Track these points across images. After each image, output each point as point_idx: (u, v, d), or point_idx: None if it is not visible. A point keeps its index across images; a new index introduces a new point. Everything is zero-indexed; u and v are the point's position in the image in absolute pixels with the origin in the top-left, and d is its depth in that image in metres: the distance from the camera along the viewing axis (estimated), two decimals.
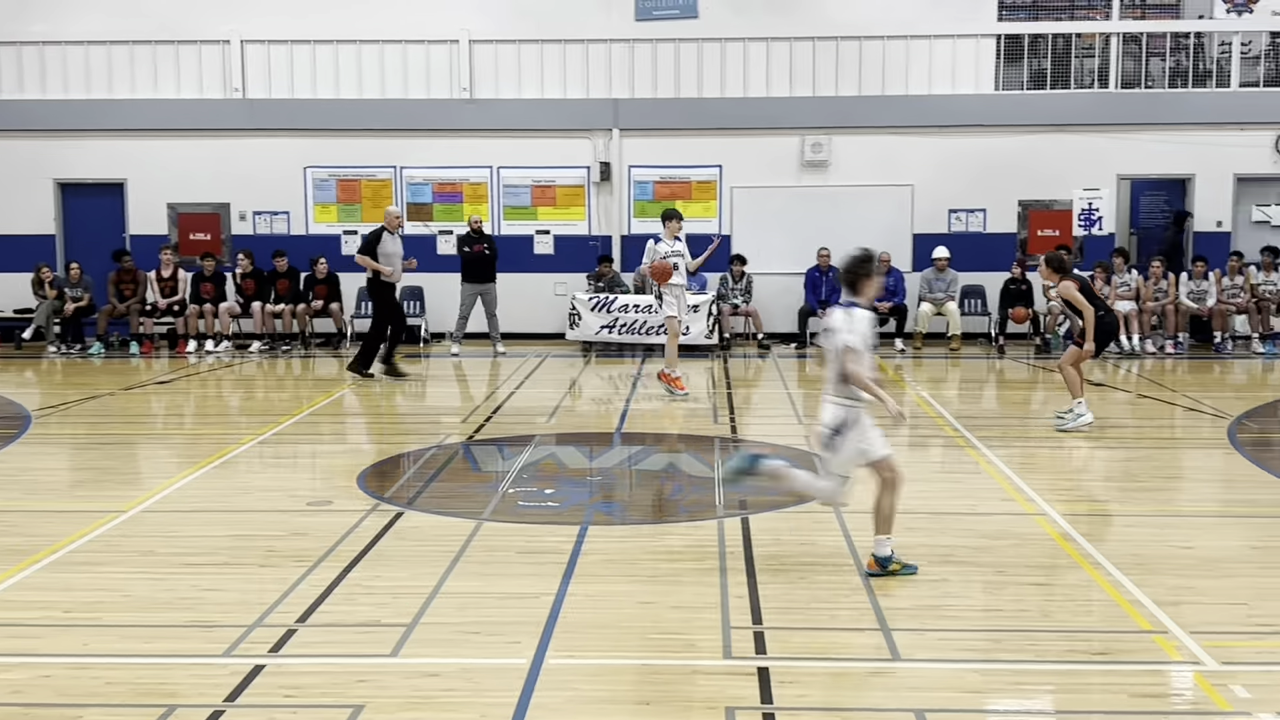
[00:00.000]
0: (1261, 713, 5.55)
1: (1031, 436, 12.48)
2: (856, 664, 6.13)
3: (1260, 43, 19.53)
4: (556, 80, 19.45)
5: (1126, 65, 19.45)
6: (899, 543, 8.21)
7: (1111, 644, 6.42)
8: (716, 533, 8.52)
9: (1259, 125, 18.99)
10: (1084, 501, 9.66)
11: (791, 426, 12.82)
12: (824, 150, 19.16)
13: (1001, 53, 19.25)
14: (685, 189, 19.54)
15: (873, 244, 18.42)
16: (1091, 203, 19.20)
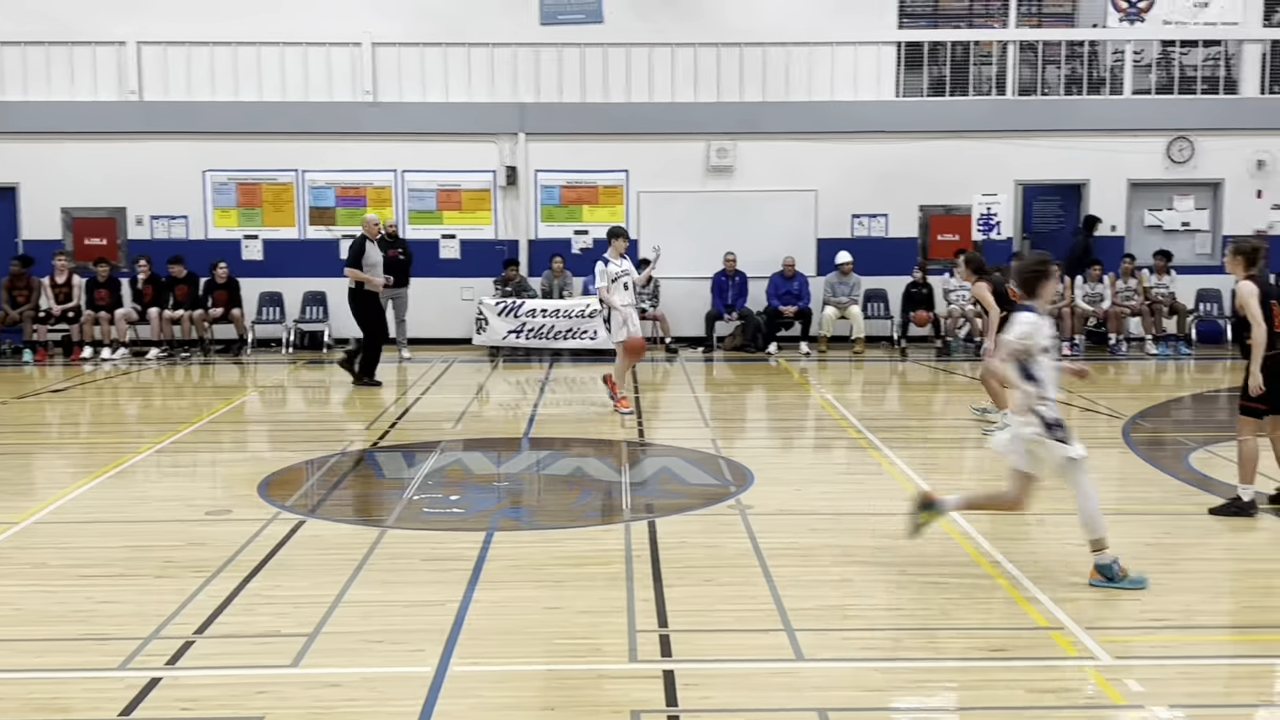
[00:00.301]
0: (1155, 706, 5.67)
1: (933, 438, 12.66)
2: (761, 665, 6.16)
3: (1152, 51, 20.02)
4: (461, 83, 19.33)
5: (1023, 73, 19.83)
6: (806, 544, 8.29)
7: (1010, 641, 6.53)
8: (623, 537, 8.51)
9: (1151, 132, 19.46)
10: None
11: (698, 429, 12.85)
12: (729, 156, 19.27)
13: (902, 60, 19.52)
14: (592, 193, 19.53)
15: (777, 249, 18.86)
16: (990, 208, 19.55)
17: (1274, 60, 19.67)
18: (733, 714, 5.55)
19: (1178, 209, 19.76)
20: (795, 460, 11.93)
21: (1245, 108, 19.41)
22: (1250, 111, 19.38)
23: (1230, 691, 5.98)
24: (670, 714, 5.56)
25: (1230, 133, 19.34)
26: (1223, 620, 6.98)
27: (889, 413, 14.46)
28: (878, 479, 10.56)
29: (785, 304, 18.87)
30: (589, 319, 17.84)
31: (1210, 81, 19.84)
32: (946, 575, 7.67)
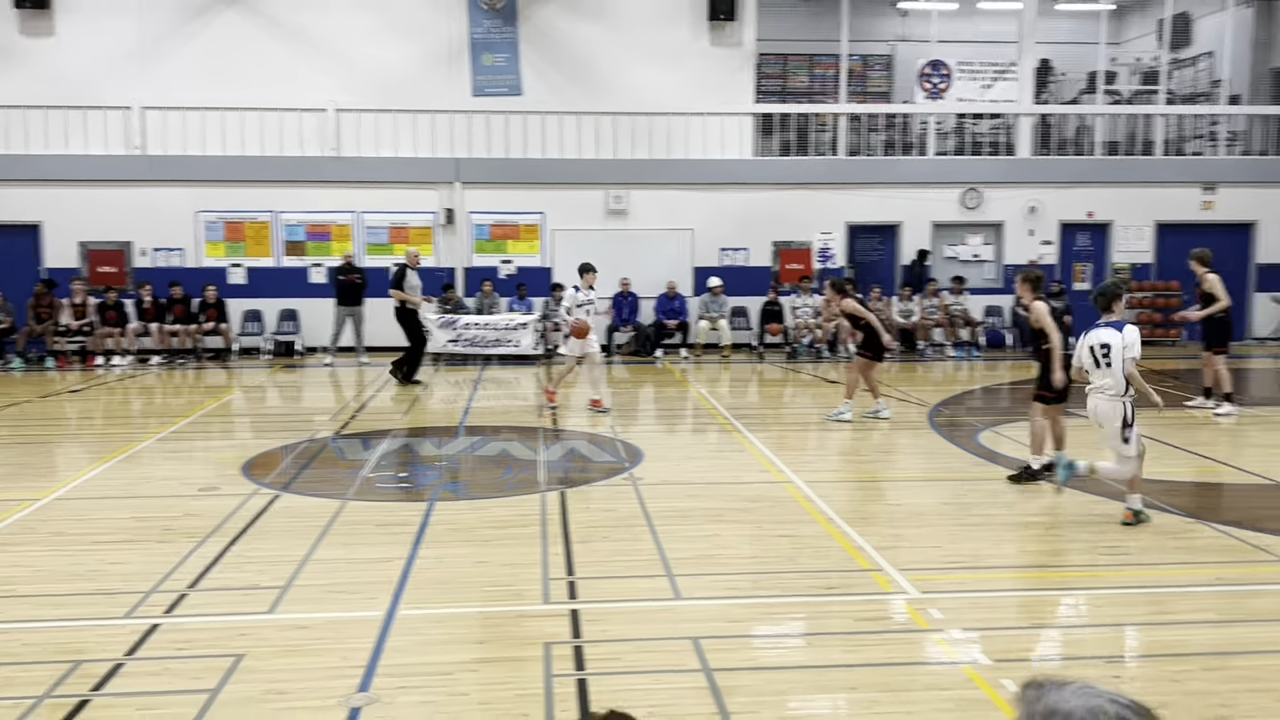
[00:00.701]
0: (952, 629, 5.80)
1: (783, 422, 12.79)
2: (647, 604, 6.17)
3: (949, 122, 20.45)
4: (409, 142, 19.06)
5: (851, 138, 20.11)
6: (684, 507, 8.32)
7: (841, 581, 6.62)
8: (540, 504, 8.48)
9: (949, 184, 19.85)
10: (820, 471, 9.93)
11: (601, 417, 12.82)
12: (624, 201, 19.27)
13: (758, 127, 19.68)
14: (515, 231, 19.38)
15: (662, 275, 18.87)
16: (827, 243, 19.80)
17: (1043, 130, 20.21)
18: (625, 643, 5.55)
19: (969, 244, 20.19)
20: (676, 442, 11.98)
21: (1021, 166, 19.90)
22: (1024, 169, 19.87)
23: (1009, 617, 6.14)
24: (576, 644, 5.54)
25: (1009, 185, 19.80)
26: (1004, 562, 7.15)
27: (749, 404, 14.58)
28: (740, 455, 10.65)
29: (669, 318, 18.92)
30: (514, 331, 17.73)
31: (994, 145, 20.31)
32: (793, 530, 7.76)
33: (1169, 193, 19.77)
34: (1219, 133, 20.32)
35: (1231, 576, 6.73)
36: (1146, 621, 6.04)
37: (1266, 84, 20.49)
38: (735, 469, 10.04)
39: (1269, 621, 5.92)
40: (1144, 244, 20.01)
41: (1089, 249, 20.13)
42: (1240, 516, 8.08)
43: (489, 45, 18.86)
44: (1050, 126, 20.36)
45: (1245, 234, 20.02)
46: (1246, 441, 11.43)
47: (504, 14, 18.76)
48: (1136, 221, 19.91)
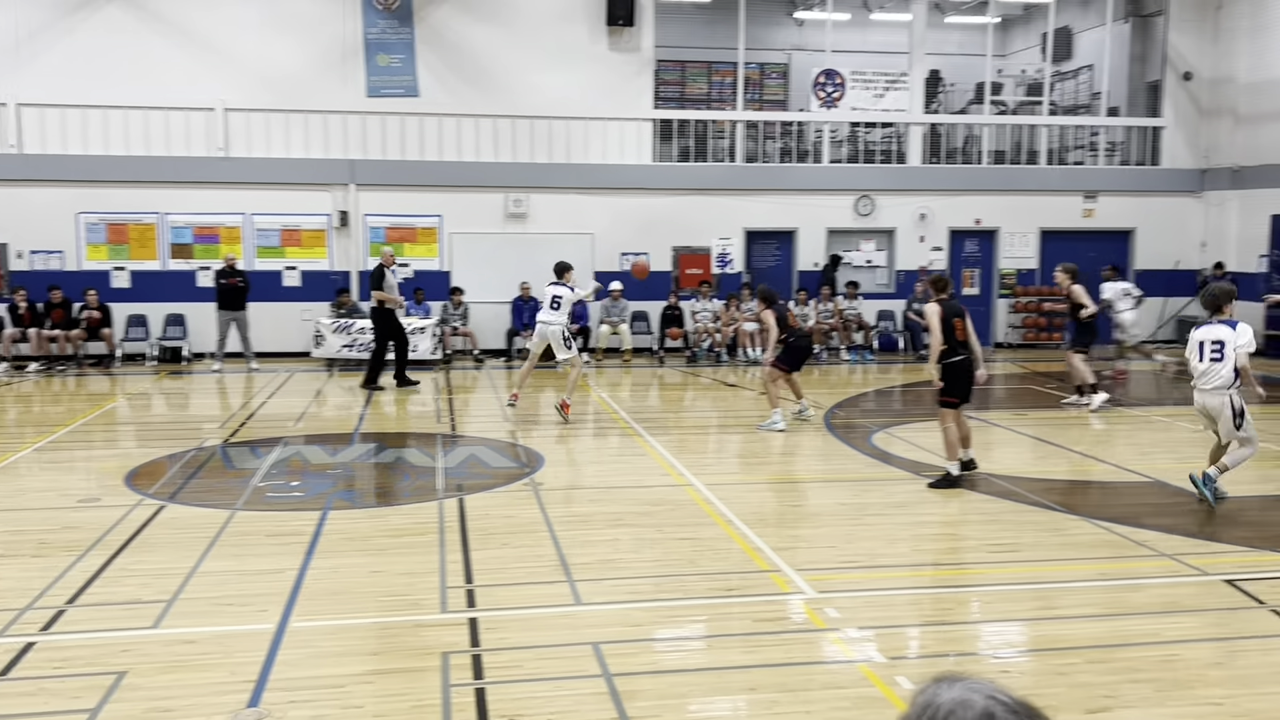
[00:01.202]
0: (848, 628, 5.88)
1: (684, 426, 12.84)
2: (547, 610, 6.12)
3: (843, 131, 20.83)
4: (301, 142, 18.62)
5: (749, 145, 20.33)
6: (585, 512, 8.29)
7: (740, 582, 6.66)
8: (437, 512, 8.35)
9: (843, 191, 20.20)
10: (721, 474, 9.99)
11: (500, 424, 12.71)
12: (524, 205, 19.14)
13: (657, 133, 19.76)
14: (412, 234, 19.09)
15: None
16: (725, 248, 19.98)
17: (932, 139, 20.74)
18: (524, 650, 5.49)
19: (863, 250, 20.58)
20: (578, 446, 11.91)
21: (911, 174, 20.38)
22: (915, 177, 20.36)
23: (903, 614, 6.25)
24: (474, 653, 5.46)
25: (900, 193, 20.25)
26: (898, 561, 7.27)
27: (650, 408, 14.61)
28: (641, 459, 10.65)
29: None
30: (411, 335, 17.43)
31: (886, 154, 20.76)
32: (694, 532, 7.79)
33: (1052, 200, 20.47)
34: (1099, 143, 21.13)
35: (1113, 571, 6.98)
36: (1033, 616, 6.22)
37: (1143, 97, 21.37)
38: (636, 473, 10.04)
39: (1149, 614, 6.15)
40: (1029, 250, 20.68)
41: (977, 255, 20.71)
42: (1120, 513, 8.38)
43: (384, 46, 18.57)
44: (940, 136, 20.90)
45: (1124, 241, 20.85)
46: (1125, 440, 11.88)
47: (399, 14, 18.48)
48: (1022, 228, 20.56)
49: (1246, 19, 19.76)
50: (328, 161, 18.65)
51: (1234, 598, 6.43)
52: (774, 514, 8.42)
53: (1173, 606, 6.26)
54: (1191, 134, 20.72)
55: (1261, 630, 5.90)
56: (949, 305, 9.47)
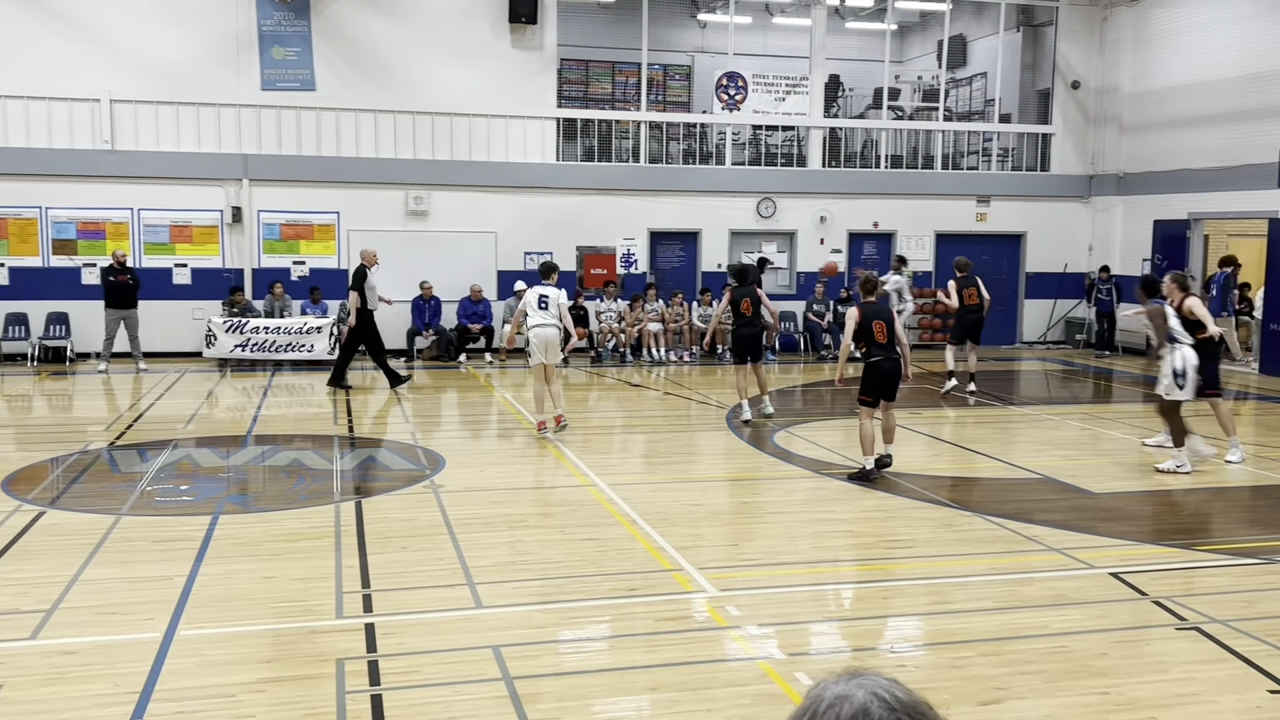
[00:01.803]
0: (748, 625, 5.93)
1: (589, 426, 12.81)
2: (446, 614, 6.04)
3: (745, 133, 21.05)
4: (192, 136, 18.06)
5: (652, 146, 20.41)
6: (487, 514, 8.21)
7: (643, 582, 6.67)
8: (333, 515, 8.17)
9: (745, 194, 20.42)
10: (624, 474, 9.99)
11: (401, 425, 12.51)
12: (425, 202, 18.88)
13: (561, 132, 19.70)
14: (308, 230, 18.67)
15: (465, 278, 18.62)
16: (629, 249, 20.02)
17: (831, 142, 21.09)
18: (423, 655, 5.41)
19: (764, 251, 20.83)
20: (480, 447, 11.81)
21: (811, 177, 20.69)
22: (815, 180, 20.67)
23: (802, 611, 6.33)
24: (370, 659, 5.36)
25: (801, 195, 20.55)
26: (798, 558, 7.36)
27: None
28: (545, 460, 10.61)
29: (473, 322, 18.66)
30: (306, 335, 17.10)
31: (787, 157, 21.05)
32: (597, 533, 7.78)
33: (947, 204, 21.00)
34: (992, 149, 21.76)
35: (1005, 566, 7.18)
36: (929, 611, 6.36)
37: (1034, 104, 22.07)
38: (539, 474, 9.99)
39: (1040, 607, 6.34)
40: (924, 253, 21.17)
41: (875, 257, 21.12)
42: (1012, 509, 8.63)
43: (279, 38, 18.13)
44: (839, 139, 21.28)
45: (1016, 244, 21.51)
46: (1016, 438, 12.24)
47: (295, 7, 18.06)
48: (918, 231, 21.04)
49: (1130, 31, 20.56)
50: (220, 156, 18.14)
51: (1118, 590, 6.66)
52: (677, 513, 8.44)
53: (1061, 599, 6.46)
54: (1080, 141, 21.47)
55: (1143, 621, 6.13)
56: (871, 308, 9.74)
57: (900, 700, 1.40)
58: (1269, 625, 5.99)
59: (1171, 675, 5.33)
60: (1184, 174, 19.18)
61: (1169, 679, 5.29)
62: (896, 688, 1.43)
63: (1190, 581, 6.86)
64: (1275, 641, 5.74)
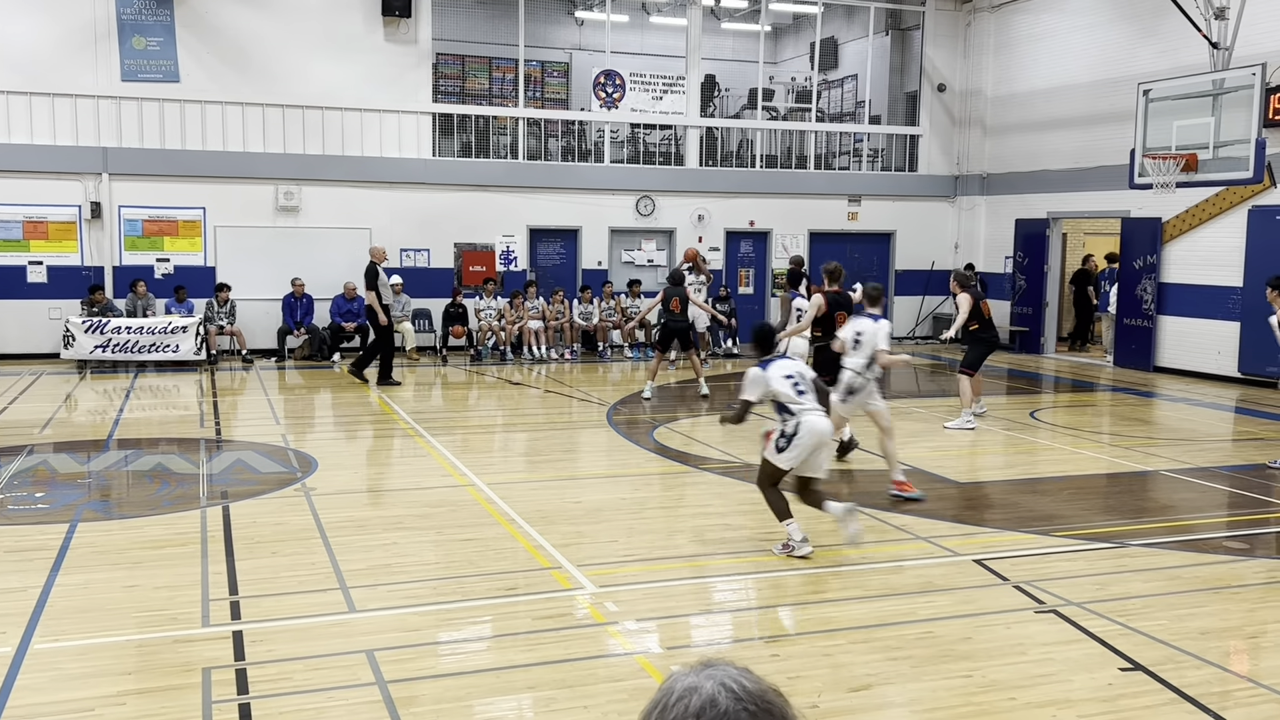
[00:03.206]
0: (627, 621, 5.97)
1: (467, 425, 12.70)
2: (318, 619, 5.90)
3: (624, 131, 21.13)
4: (47, 128, 17.21)
5: (531, 143, 20.30)
6: (361, 516, 8.06)
7: (521, 580, 6.65)
8: (199, 521, 7.91)
9: (624, 191, 20.50)
10: (503, 473, 9.94)
11: (271, 427, 12.17)
12: (295, 198, 18.40)
13: (437, 127, 19.44)
14: (173, 227, 17.99)
15: (339, 275, 18.24)
16: (509, 246, 19.90)
17: (708, 142, 21.34)
18: (294, 662, 5.28)
19: (644, 250, 20.97)
20: (354, 449, 11.58)
21: (689, 176, 20.90)
22: (693, 179, 20.88)
23: (680, 605, 6.39)
24: (238, 667, 5.20)
25: (679, 194, 20.73)
26: (676, 553, 7.43)
27: (432, 407, 14.36)
28: (422, 460, 10.47)
29: (347, 321, 18.27)
30: (171, 335, 16.49)
31: (665, 155, 21.22)
32: (475, 533, 7.72)
33: (820, 203, 21.47)
34: (863, 149, 22.34)
35: (875, 555, 7.38)
36: (802, 600, 6.50)
37: (902, 106, 22.74)
38: (416, 474, 9.86)
39: (907, 595, 6.54)
40: (799, 251, 21.60)
41: (751, 255, 21.47)
42: (883, 500, 8.87)
43: (140, 27, 17.43)
44: (716, 139, 21.55)
45: (886, 243, 22.13)
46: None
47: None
48: (793, 230, 21.46)
49: (992, 36, 21.36)
50: (77, 149, 17.35)
51: (981, 576, 6.92)
52: (556, 511, 8.43)
53: (928, 586, 6.68)
54: (945, 142, 22.20)
55: (1004, 605, 6.38)
56: (837, 297, 10.82)
57: (748, 690, 1.43)
58: (1120, 606, 6.31)
59: (1031, 656, 5.57)
60: (1043, 175, 20.03)
61: (1028, 660, 5.52)
62: (745, 677, 1.45)
63: (1048, 566, 7.17)
64: (1125, 621, 6.04)
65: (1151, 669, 5.39)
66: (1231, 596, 6.58)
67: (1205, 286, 16.72)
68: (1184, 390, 15.65)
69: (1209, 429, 12.71)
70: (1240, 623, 6.17)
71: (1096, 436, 12.23)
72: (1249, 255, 15.83)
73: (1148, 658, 5.53)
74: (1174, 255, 17.36)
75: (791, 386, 7.08)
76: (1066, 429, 12.56)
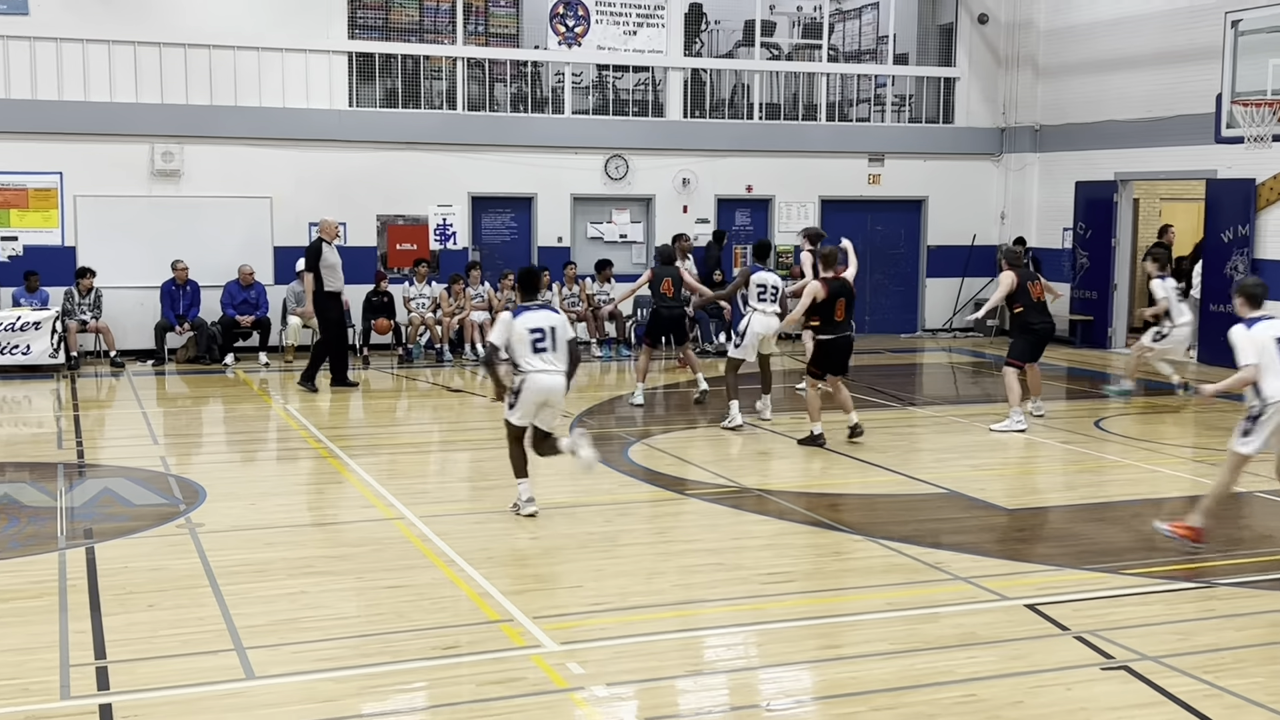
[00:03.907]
0: (594, 686, 5.97)
1: (395, 443, 12.67)
2: (208, 688, 5.88)
3: (589, 74, 21.17)
4: None
5: (472, 89, 20.29)
6: (262, 559, 8.04)
7: (461, 637, 6.65)
8: (57, 566, 7.87)
9: (591, 150, 20.52)
10: (441, 503, 9.92)
11: (147, 447, 12.11)
12: (176, 160, 18.32)
13: (354, 70, 19.38)
14: (21, 197, 17.85)
15: (232, 257, 18.23)
16: (446, 218, 19.88)
17: (694, 87, 21.41)
18: None
19: (616, 222, 20.99)
20: (252, 474, 11.54)
21: (671, 130, 20.94)
22: (676, 133, 20.92)
23: (663, 665, 6.40)
24: None
25: (658, 152, 20.76)
26: (657, 599, 7.43)
27: (351, 421, 14.31)
28: (338, 489, 10.45)
29: (243, 313, 18.20)
30: (20, 333, 16.39)
31: (641, 105, 21.26)
32: (403, 579, 7.70)
33: (834, 164, 21.55)
34: (886, 97, 22.45)
35: (903, 600, 7.42)
36: (815, 658, 6.52)
37: (934, 42, 22.86)
38: (331, 506, 9.85)
39: (943, 649, 6.57)
40: (808, 223, 21.66)
41: (749, 228, 21.52)
42: (912, 530, 8.92)
43: None
44: (704, 84, 21.59)
45: (915, 212, 22.24)
46: (918, 445, 12.66)
47: None
48: (800, 197, 21.54)
49: None
50: None
51: (1035, 624, 6.97)
52: (507, 550, 8.43)
53: (969, 638, 6.72)
54: (988, 87, 22.34)
55: (1064, 661, 6.43)
56: (838, 284, 11.83)
57: None
58: (1206, 660, 6.37)
59: None
60: (1109, 126, 20.19)
61: None
62: None
63: (1118, 612, 7.22)
64: (1214, 679, 6.10)
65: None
66: None
67: None
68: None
69: None
70: None
71: (1177, 450, 12.34)
72: None
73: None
74: (1271, 225, 17.54)
75: (532, 342, 8.85)
76: (1140, 441, 12.66)
